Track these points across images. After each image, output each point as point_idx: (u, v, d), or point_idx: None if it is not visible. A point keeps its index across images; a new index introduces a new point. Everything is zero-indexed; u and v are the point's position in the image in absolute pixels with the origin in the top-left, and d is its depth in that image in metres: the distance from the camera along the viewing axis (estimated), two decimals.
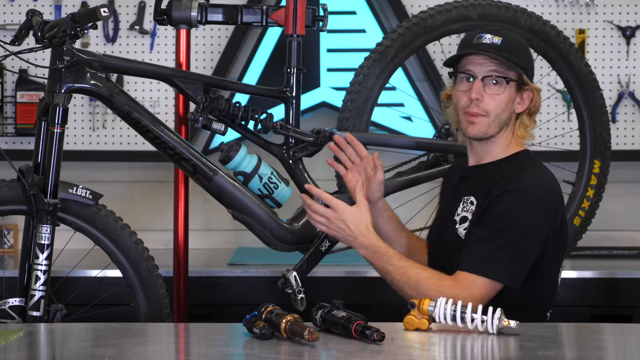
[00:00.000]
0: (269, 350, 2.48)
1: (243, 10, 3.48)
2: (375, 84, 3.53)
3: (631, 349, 2.62)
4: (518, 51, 3.00)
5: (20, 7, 4.60)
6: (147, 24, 4.64)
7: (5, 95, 4.58)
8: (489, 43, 2.98)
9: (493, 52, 2.96)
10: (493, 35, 2.99)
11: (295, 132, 3.41)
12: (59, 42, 3.12)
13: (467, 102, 2.98)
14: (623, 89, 4.67)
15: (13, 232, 4.56)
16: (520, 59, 2.99)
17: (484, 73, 2.97)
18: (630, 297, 4.04)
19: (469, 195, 3.02)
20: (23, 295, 3.18)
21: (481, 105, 2.96)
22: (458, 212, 3.02)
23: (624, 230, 4.69)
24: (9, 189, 3.13)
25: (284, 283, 3.37)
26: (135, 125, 3.28)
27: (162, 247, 4.28)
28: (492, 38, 2.98)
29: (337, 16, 4.51)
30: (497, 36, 2.98)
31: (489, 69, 2.97)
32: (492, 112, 2.97)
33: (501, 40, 2.98)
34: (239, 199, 3.33)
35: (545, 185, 2.97)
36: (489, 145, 3.03)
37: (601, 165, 3.83)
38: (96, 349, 2.59)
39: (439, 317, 2.64)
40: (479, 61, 2.98)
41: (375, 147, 3.59)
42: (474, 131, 2.99)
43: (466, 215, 3.00)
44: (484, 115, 2.97)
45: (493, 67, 2.97)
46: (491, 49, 2.96)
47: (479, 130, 2.98)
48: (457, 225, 3.00)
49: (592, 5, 4.66)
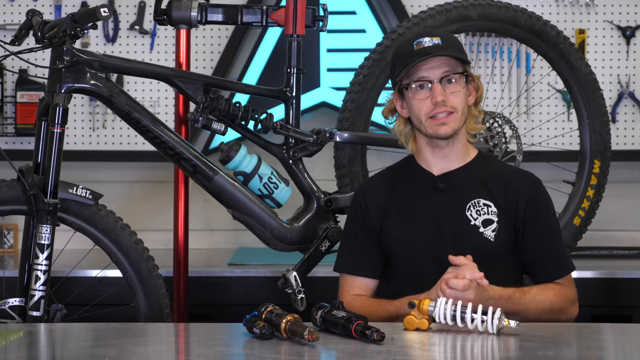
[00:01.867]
0: (269, 350, 2.48)
1: (243, 10, 3.48)
2: (375, 84, 3.53)
3: (631, 349, 2.62)
4: (458, 46, 3.01)
5: (20, 7, 4.60)
6: (147, 24, 4.64)
7: (5, 95, 4.57)
8: (432, 45, 2.96)
9: (444, 52, 2.94)
10: (431, 37, 2.97)
11: (295, 132, 3.41)
12: (59, 42, 3.13)
13: (430, 107, 2.96)
14: (623, 89, 4.67)
15: (13, 232, 4.55)
16: (463, 52, 3.00)
17: (439, 75, 2.96)
18: (630, 297, 4.04)
19: (476, 198, 3.00)
20: (23, 295, 3.18)
21: (447, 104, 2.96)
22: (473, 216, 2.99)
23: (624, 230, 4.69)
24: (9, 189, 3.13)
25: (284, 283, 3.37)
26: (135, 125, 3.28)
27: (162, 247, 4.28)
28: (432, 40, 2.96)
29: (337, 16, 4.51)
30: (434, 37, 2.97)
31: (442, 70, 2.96)
32: (459, 108, 2.97)
33: (440, 39, 2.97)
34: (239, 199, 3.33)
35: None
36: (455, 144, 3.02)
37: (601, 165, 3.83)
38: (96, 349, 2.59)
39: (439, 317, 2.64)
40: (431, 65, 2.96)
41: (375, 147, 3.59)
42: (447, 130, 2.97)
43: (490, 217, 2.98)
44: (453, 112, 2.96)
45: (445, 68, 2.96)
46: (438, 49, 2.95)
47: (452, 128, 2.97)
48: (483, 230, 2.97)
49: (592, 5, 4.66)
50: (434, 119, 2.96)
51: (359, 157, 3.55)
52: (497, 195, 2.99)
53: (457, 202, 3.01)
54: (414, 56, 2.95)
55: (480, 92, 3.05)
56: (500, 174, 3.05)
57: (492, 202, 2.99)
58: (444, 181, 3.02)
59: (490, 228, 2.97)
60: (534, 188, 3.02)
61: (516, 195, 2.98)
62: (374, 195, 3.05)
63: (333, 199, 3.45)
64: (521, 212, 2.96)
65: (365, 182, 3.25)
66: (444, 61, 2.96)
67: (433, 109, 2.95)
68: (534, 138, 4.59)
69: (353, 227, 3.07)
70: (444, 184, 3.02)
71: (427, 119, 2.96)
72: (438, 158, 3.03)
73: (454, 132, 2.98)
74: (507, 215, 2.97)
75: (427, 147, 3.03)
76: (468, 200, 3.00)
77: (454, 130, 2.98)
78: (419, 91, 2.97)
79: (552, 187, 3.13)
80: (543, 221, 3.00)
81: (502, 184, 3.01)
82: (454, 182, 3.02)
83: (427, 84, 2.96)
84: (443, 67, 2.96)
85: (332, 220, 3.44)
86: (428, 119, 2.96)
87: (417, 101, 2.97)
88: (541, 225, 2.98)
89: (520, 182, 3.03)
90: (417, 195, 3.04)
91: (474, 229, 2.96)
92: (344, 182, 3.52)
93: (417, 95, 2.97)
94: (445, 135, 2.97)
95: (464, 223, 2.98)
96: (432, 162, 3.04)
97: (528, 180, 3.05)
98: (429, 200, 3.02)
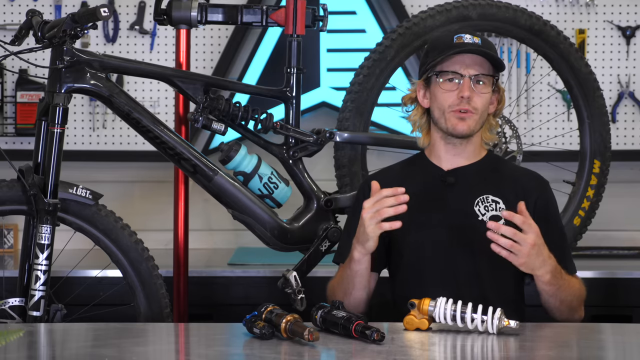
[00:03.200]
0: (269, 350, 2.48)
1: (243, 10, 3.48)
2: (375, 84, 3.53)
3: (631, 349, 2.63)
4: (495, 51, 3.05)
5: (20, 7, 4.60)
6: (147, 24, 4.64)
7: (5, 95, 4.57)
8: (472, 43, 3.00)
9: (484, 50, 2.98)
10: (472, 35, 3.02)
11: (295, 132, 3.41)
12: (59, 42, 3.13)
13: (455, 101, 2.99)
14: (623, 89, 4.67)
15: (13, 232, 4.55)
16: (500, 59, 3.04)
17: (472, 72, 2.99)
18: (630, 297, 4.04)
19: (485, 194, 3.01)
20: (23, 295, 3.18)
21: (471, 103, 2.99)
22: (481, 212, 3.00)
23: (624, 230, 4.69)
24: (9, 189, 3.13)
25: (284, 283, 3.37)
26: (135, 125, 3.28)
27: (162, 247, 4.28)
28: (473, 38, 3.01)
29: (337, 16, 4.51)
30: (475, 36, 3.02)
31: (476, 69, 3.00)
32: (480, 110, 3.01)
33: (480, 40, 3.02)
34: (239, 199, 3.33)
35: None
36: (469, 145, 3.05)
37: (601, 165, 3.83)
38: (96, 349, 2.59)
39: (439, 317, 2.64)
40: (466, 61, 3.00)
41: (375, 147, 3.59)
42: (463, 128, 3.00)
43: (498, 214, 2.99)
44: (474, 113, 3.00)
45: (479, 67, 3.00)
46: (477, 48, 2.99)
47: (469, 126, 3.00)
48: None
49: (592, 5, 4.66)
50: (456, 112, 2.99)
51: (359, 157, 3.55)
52: (506, 193, 3.01)
53: (465, 196, 3.03)
54: (453, 48, 2.99)
55: (502, 105, 3.09)
56: (510, 173, 3.09)
57: (500, 199, 3.01)
58: (454, 176, 3.05)
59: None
60: (543, 189, 3.06)
61: (525, 195, 3.00)
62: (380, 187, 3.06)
63: (333, 199, 3.45)
64: (530, 212, 2.96)
65: (373, 175, 3.26)
66: (479, 62, 3.00)
67: (458, 103, 2.99)
68: (534, 138, 4.59)
69: (357, 219, 3.06)
70: (453, 178, 3.03)
71: (449, 111, 3.00)
72: (450, 155, 3.06)
73: (470, 132, 3.01)
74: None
75: (441, 142, 3.06)
76: (477, 195, 3.02)
77: (471, 130, 3.01)
78: (448, 83, 3.00)
79: (552, 187, 3.13)
80: (551, 221, 3.01)
81: (511, 183, 3.05)
82: (464, 177, 3.05)
83: (458, 77, 2.99)
84: (477, 66, 3.00)
85: (332, 220, 3.44)
86: (450, 112, 3.00)
87: (444, 91, 3.00)
88: (549, 225, 2.98)
89: (529, 182, 3.06)
90: (426, 189, 3.06)
91: (482, 224, 2.95)
92: (344, 182, 3.52)
93: (445, 86, 3.01)
94: (461, 133, 3.00)
95: (471, 218, 3.00)
96: (444, 158, 3.07)
97: (537, 181, 3.08)
98: (438, 194, 3.05)
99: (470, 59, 3.00)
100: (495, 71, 3.03)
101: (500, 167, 3.11)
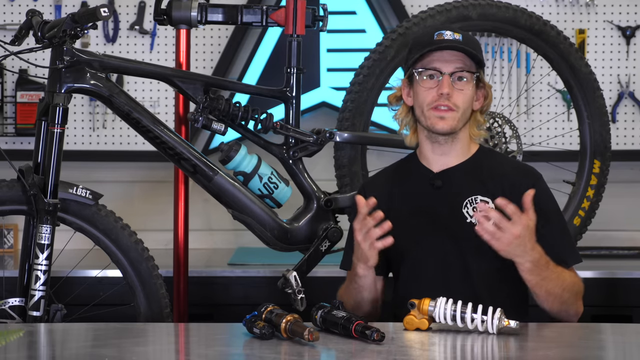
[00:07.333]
0: (269, 350, 2.49)
1: (243, 10, 3.48)
2: (375, 84, 3.53)
3: (631, 349, 2.62)
4: (477, 47, 3.03)
5: (20, 7, 4.60)
6: (147, 24, 4.64)
7: (5, 95, 4.57)
8: (452, 39, 2.98)
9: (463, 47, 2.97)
10: (452, 32, 3.00)
11: (295, 132, 3.41)
12: (59, 42, 3.13)
13: (434, 98, 2.97)
14: (623, 89, 4.67)
15: (13, 232, 4.55)
16: (481, 54, 3.02)
17: (452, 69, 2.98)
18: (630, 297, 4.04)
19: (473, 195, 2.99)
20: (23, 295, 3.18)
21: (451, 99, 2.97)
22: (470, 214, 2.98)
23: (624, 230, 4.69)
24: (9, 189, 3.13)
25: (284, 283, 3.37)
26: (135, 125, 3.28)
27: (162, 247, 4.28)
28: (453, 34, 2.99)
29: (337, 16, 4.51)
30: (456, 33, 3.00)
31: (456, 65, 2.98)
32: (461, 107, 2.98)
33: (461, 36, 3.00)
34: (239, 199, 3.33)
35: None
36: (454, 143, 3.03)
37: (601, 165, 3.83)
38: (96, 349, 2.59)
39: (439, 317, 2.64)
40: (446, 58, 2.98)
41: (375, 147, 3.59)
42: (444, 126, 2.98)
43: None
44: (454, 110, 2.97)
45: (459, 64, 2.98)
46: (457, 44, 2.97)
47: (449, 124, 2.98)
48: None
49: (592, 5, 4.66)
50: (434, 110, 2.97)
51: (359, 157, 3.55)
52: (495, 192, 2.97)
53: (454, 199, 3.01)
54: (433, 44, 2.98)
55: (489, 101, 3.06)
56: (500, 170, 3.04)
57: (490, 199, 2.98)
58: (442, 178, 3.03)
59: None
60: (533, 183, 2.98)
61: (514, 191, 2.96)
62: (376, 193, 3.05)
63: (333, 199, 3.45)
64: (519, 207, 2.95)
65: (368, 180, 3.26)
66: (460, 58, 2.98)
67: (436, 100, 2.96)
68: (534, 138, 4.59)
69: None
70: (441, 181, 3.02)
71: (428, 108, 2.98)
72: (437, 154, 3.04)
73: (451, 130, 2.98)
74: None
75: (427, 142, 3.04)
76: (465, 197, 3.00)
77: (452, 128, 2.98)
78: (428, 80, 2.99)
79: (552, 187, 3.12)
80: (545, 213, 2.96)
81: (500, 180, 3.01)
82: (452, 179, 3.03)
83: (437, 75, 2.97)
84: (457, 62, 2.98)
85: (332, 220, 3.44)
86: (430, 109, 2.98)
87: (424, 89, 2.99)
88: (543, 216, 2.94)
89: (518, 176, 3.02)
90: (415, 193, 3.05)
91: (470, 226, 2.94)
92: (344, 182, 3.52)
93: (425, 84, 2.99)
94: (441, 131, 2.98)
95: (460, 220, 2.98)
96: (432, 159, 3.05)
97: (526, 174, 3.04)
98: (427, 198, 3.03)
99: (450, 55, 2.97)
100: (477, 67, 3.01)
101: (490, 164, 3.06)
